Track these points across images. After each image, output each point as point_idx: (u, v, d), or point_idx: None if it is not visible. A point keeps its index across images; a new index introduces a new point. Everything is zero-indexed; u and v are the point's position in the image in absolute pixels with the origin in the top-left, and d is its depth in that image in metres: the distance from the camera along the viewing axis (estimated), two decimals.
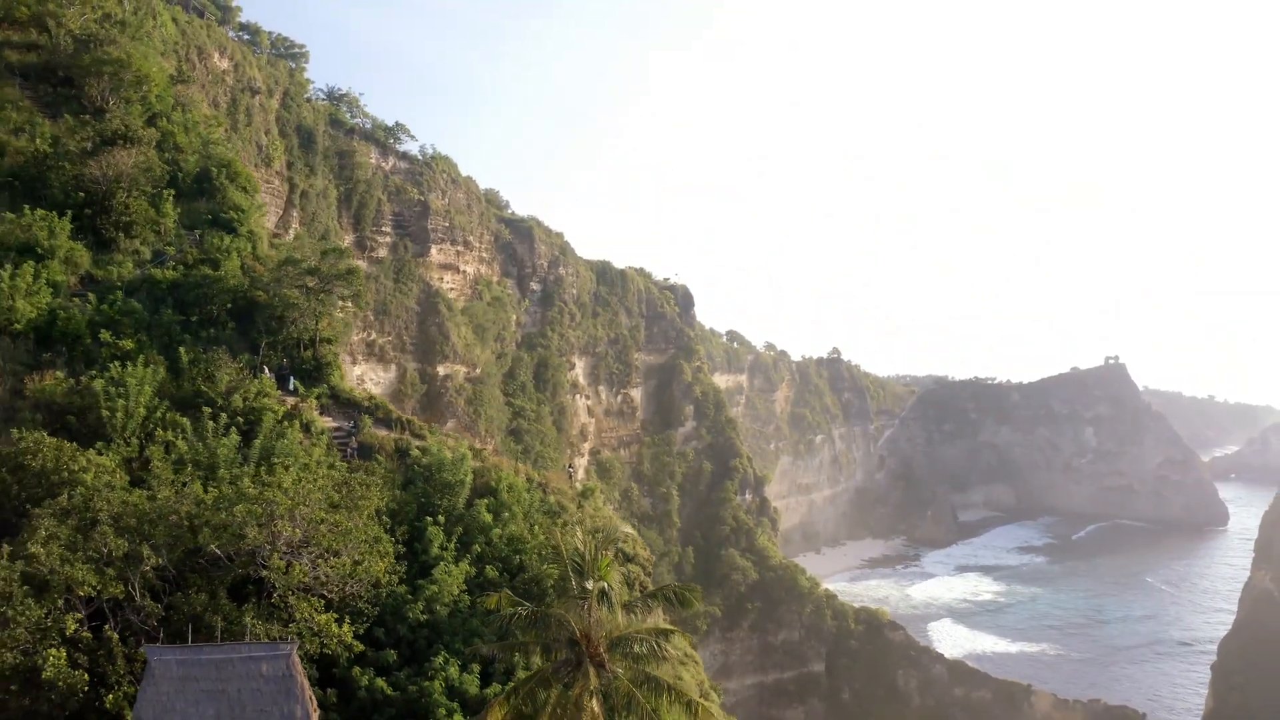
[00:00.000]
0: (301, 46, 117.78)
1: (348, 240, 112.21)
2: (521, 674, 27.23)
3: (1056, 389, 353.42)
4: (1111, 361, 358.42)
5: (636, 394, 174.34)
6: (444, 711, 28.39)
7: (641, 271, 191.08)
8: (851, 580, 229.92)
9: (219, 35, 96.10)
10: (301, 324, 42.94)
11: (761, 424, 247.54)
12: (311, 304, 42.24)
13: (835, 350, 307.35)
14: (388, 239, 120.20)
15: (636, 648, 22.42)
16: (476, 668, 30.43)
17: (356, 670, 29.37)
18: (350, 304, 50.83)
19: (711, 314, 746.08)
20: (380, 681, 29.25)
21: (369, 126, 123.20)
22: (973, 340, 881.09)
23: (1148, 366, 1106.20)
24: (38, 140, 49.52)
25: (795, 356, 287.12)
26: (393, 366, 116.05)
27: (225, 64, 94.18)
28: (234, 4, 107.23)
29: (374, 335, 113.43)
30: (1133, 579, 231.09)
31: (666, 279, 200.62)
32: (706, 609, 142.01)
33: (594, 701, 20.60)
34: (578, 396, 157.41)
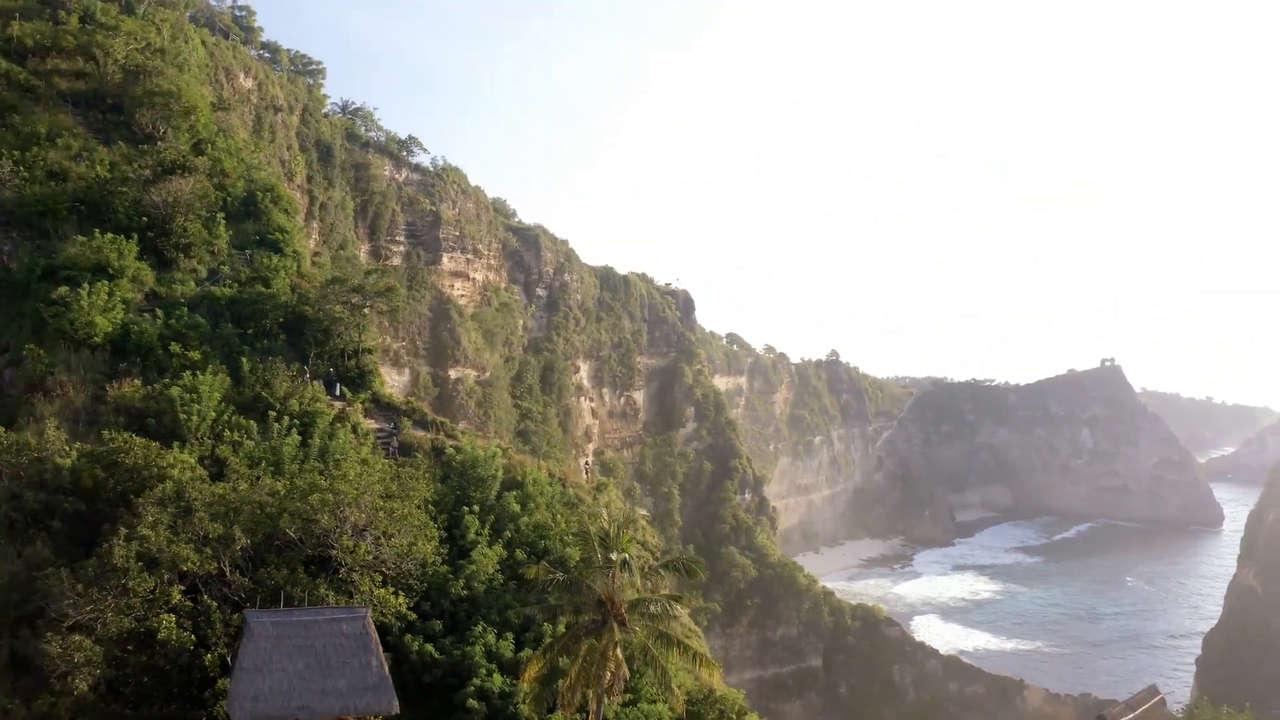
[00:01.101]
0: (319, 63, 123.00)
1: (364, 249, 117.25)
2: (549, 640, 31.95)
3: (1053, 390, 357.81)
4: (1108, 363, 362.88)
5: (639, 396, 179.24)
6: (484, 671, 33.17)
7: (643, 276, 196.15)
8: (850, 579, 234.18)
9: (244, 56, 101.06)
10: (345, 336, 47.78)
11: (761, 425, 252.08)
12: (355, 318, 47.05)
13: (834, 352, 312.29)
14: (401, 248, 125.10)
15: (652, 608, 27.17)
16: (510, 636, 35.22)
17: (408, 637, 34.15)
18: (390, 317, 55.61)
19: (711, 314, 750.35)
20: (429, 647, 34.01)
21: (383, 139, 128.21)
22: (971, 339, 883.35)
23: (1146, 367, 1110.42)
24: (98, 166, 54.36)
25: (794, 358, 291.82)
26: (406, 370, 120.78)
27: (250, 83, 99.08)
28: (256, 24, 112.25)
29: (389, 340, 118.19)
30: (1121, 578, 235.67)
31: (668, 284, 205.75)
32: (707, 605, 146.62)
33: (617, 651, 25.32)
34: (582, 399, 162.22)
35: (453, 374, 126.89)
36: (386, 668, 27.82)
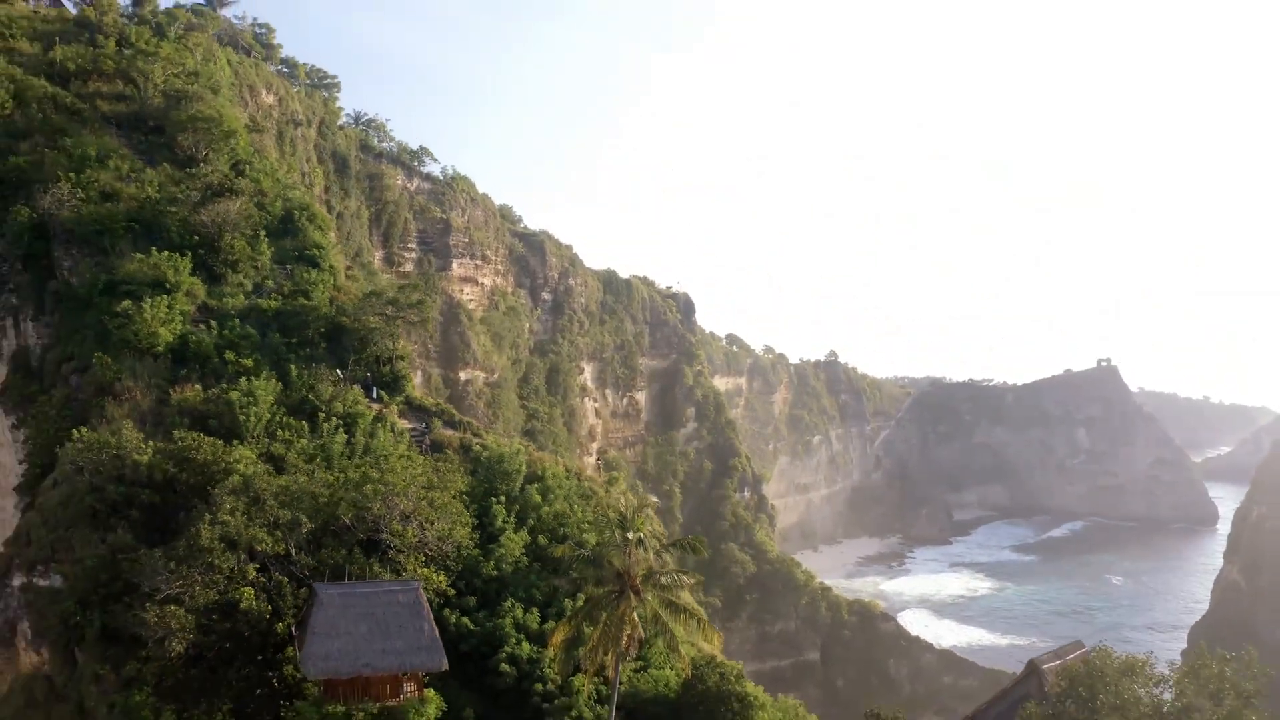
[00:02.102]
0: (334, 77, 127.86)
1: (378, 256, 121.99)
2: (572, 610, 36.63)
3: (1050, 390, 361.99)
4: (1104, 364, 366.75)
5: (641, 397, 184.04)
6: (514, 640, 37.92)
7: (645, 280, 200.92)
8: (848, 577, 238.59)
9: (265, 73, 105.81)
10: (380, 344, 52.48)
11: (760, 425, 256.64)
12: (389, 328, 51.71)
13: (833, 353, 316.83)
14: (413, 254, 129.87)
15: (663, 580, 31.80)
16: (536, 610, 39.96)
17: (446, 611, 38.87)
18: (420, 328, 60.28)
19: (711, 314, 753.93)
20: (465, 620, 38.74)
21: (395, 150, 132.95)
22: (972, 340, 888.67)
23: (1146, 367, 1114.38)
24: (147, 188, 59.06)
25: (793, 359, 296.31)
26: (419, 372, 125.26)
27: (271, 99, 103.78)
28: (275, 41, 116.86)
29: (402, 343, 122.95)
30: (1114, 575, 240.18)
31: (669, 287, 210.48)
32: (707, 599, 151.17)
33: (633, 615, 29.96)
34: (586, 399, 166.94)
35: (463, 375, 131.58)
36: (436, 632, 32.52)
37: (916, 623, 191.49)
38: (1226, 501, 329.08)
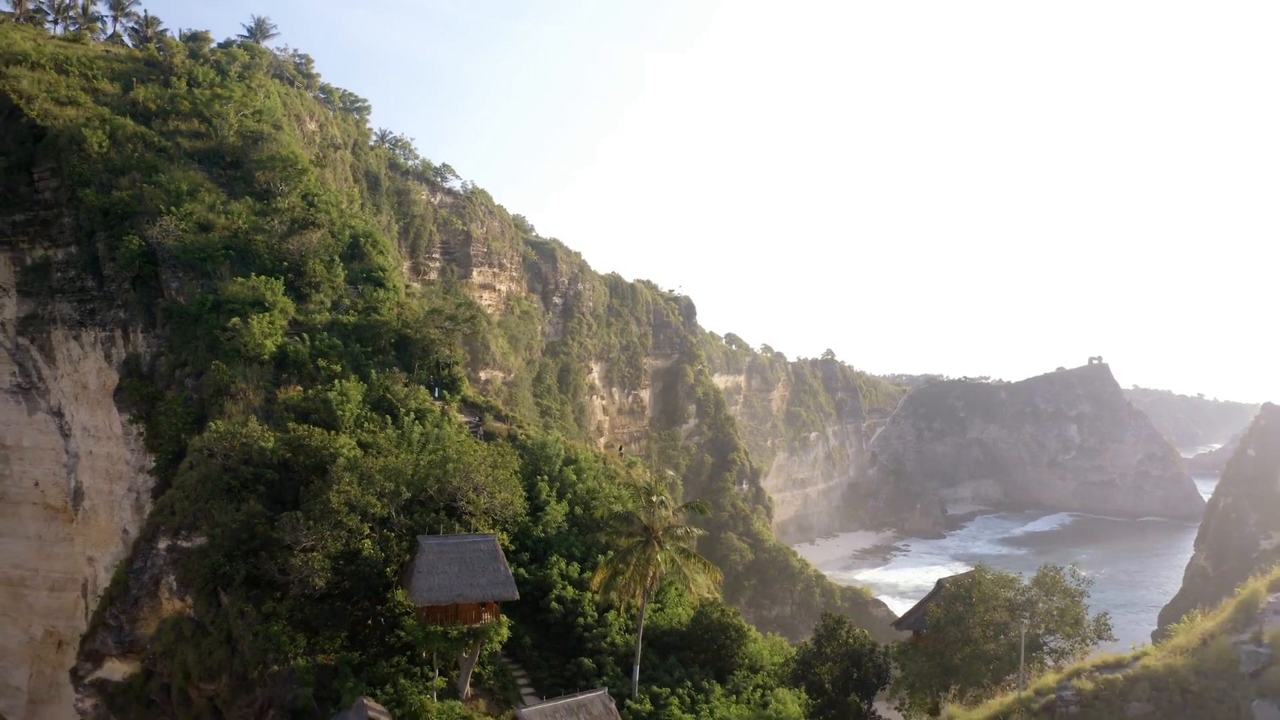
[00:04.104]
0: (364, 100, 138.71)
1: (405, 266, 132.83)
2: (604, 559, 47.44)
3: (1042, 388, 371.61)
4: (1095, 361, 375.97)
5: (645, 395, 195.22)
6: (560, 585, 48.85)
7: (649, 284, 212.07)
8: (844, 569, 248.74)
9: (308, 101, 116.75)
10: (440, 352, 63.40)
11: (759, 422, 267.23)
12: (448, 339, 62.43)
13: (829, 351, 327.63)
14: (437, 264, 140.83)
15: (678, 532, 42.46)
16: (575, 564, 50.86)
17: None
18: (471, 339, 71.05)
19: (710, 313, 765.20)
20: (521, 570, 49.59)
21: (420, 167, 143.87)
22: (969, 337, 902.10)
23: (1140, 365, 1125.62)
24: (237, 220, 69.91)
25: (791, 357, 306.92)
26: None
27: (314, 125, 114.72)
28: (314, 70, 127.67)
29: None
30: (1101, 566, 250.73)
31: (671, 290, 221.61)
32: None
33: (657, 558, 40.59)
34: (594, 397, 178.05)
35: (483, 375, 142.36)
36: (510, 571, 43.41)
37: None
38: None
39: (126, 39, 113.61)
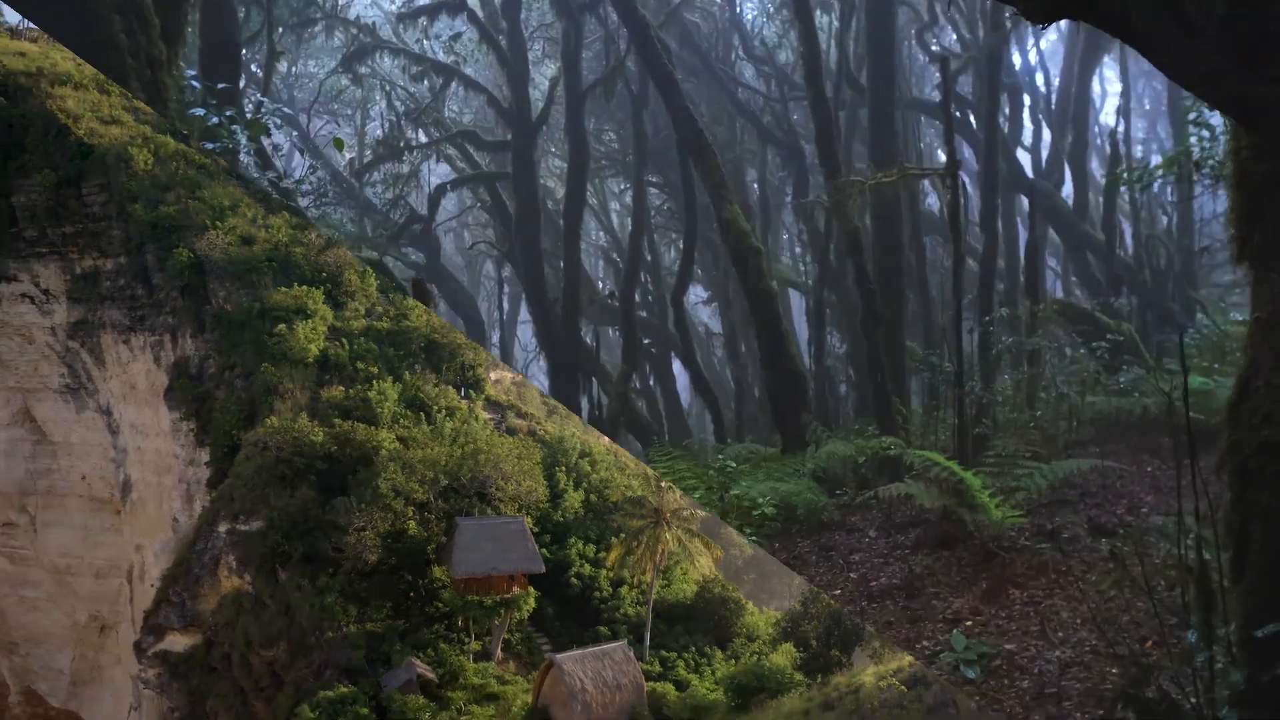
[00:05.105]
0: None
1: None
2: (617, 540, 53.77)
3: None
4: None
5: None
6: (578, 563, 55.13)
7: None
8: None
9: None
10: (464, 355, 69.59)
11: None
12: (471, 343, 68.59)
13: None
14: None
15: (684, 514, 48.72)
16: (591, 546, 57.22)
17: None
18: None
19: None
20: (544, 550, 55.87)
21: None
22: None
23: None
24: (277, 234, 76.04)
25: None
26: None
27: None
28: None
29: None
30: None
31: None
32: None
33: (665, 536, 46.92)
34: None
35: (493, 375, 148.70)
36: (537, 548, 49.72)
37: None
38: None
39: None
